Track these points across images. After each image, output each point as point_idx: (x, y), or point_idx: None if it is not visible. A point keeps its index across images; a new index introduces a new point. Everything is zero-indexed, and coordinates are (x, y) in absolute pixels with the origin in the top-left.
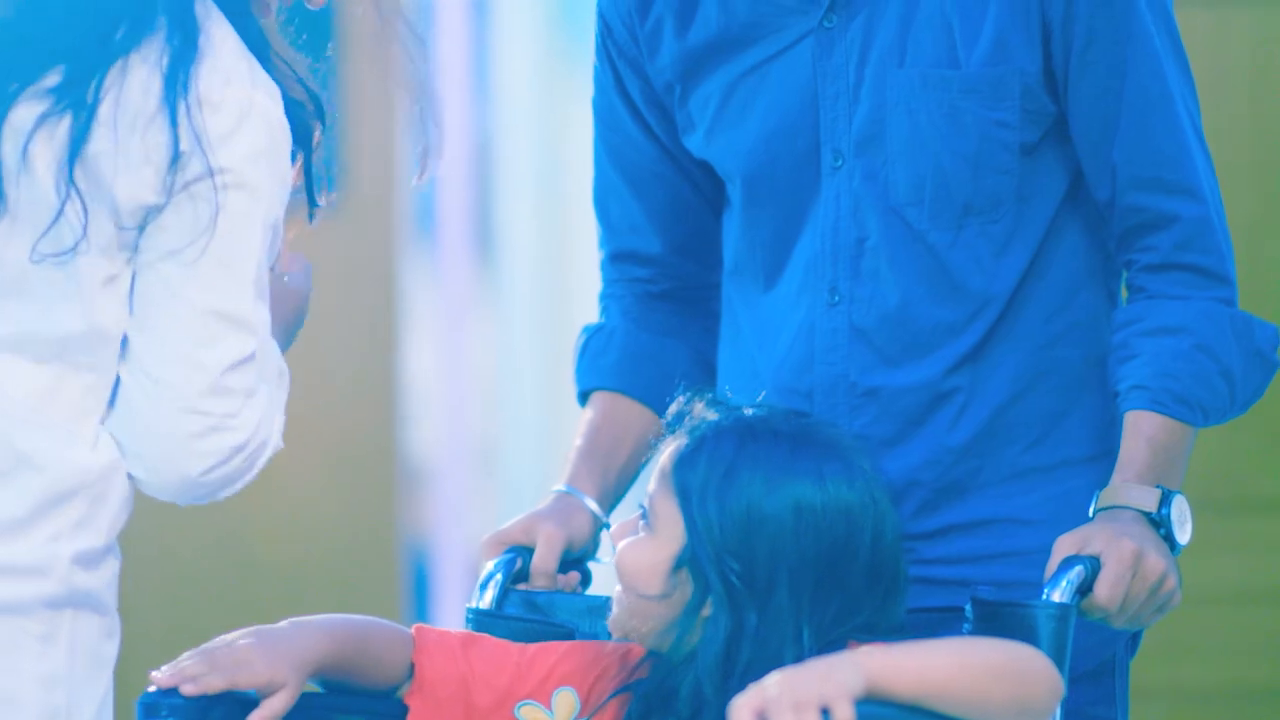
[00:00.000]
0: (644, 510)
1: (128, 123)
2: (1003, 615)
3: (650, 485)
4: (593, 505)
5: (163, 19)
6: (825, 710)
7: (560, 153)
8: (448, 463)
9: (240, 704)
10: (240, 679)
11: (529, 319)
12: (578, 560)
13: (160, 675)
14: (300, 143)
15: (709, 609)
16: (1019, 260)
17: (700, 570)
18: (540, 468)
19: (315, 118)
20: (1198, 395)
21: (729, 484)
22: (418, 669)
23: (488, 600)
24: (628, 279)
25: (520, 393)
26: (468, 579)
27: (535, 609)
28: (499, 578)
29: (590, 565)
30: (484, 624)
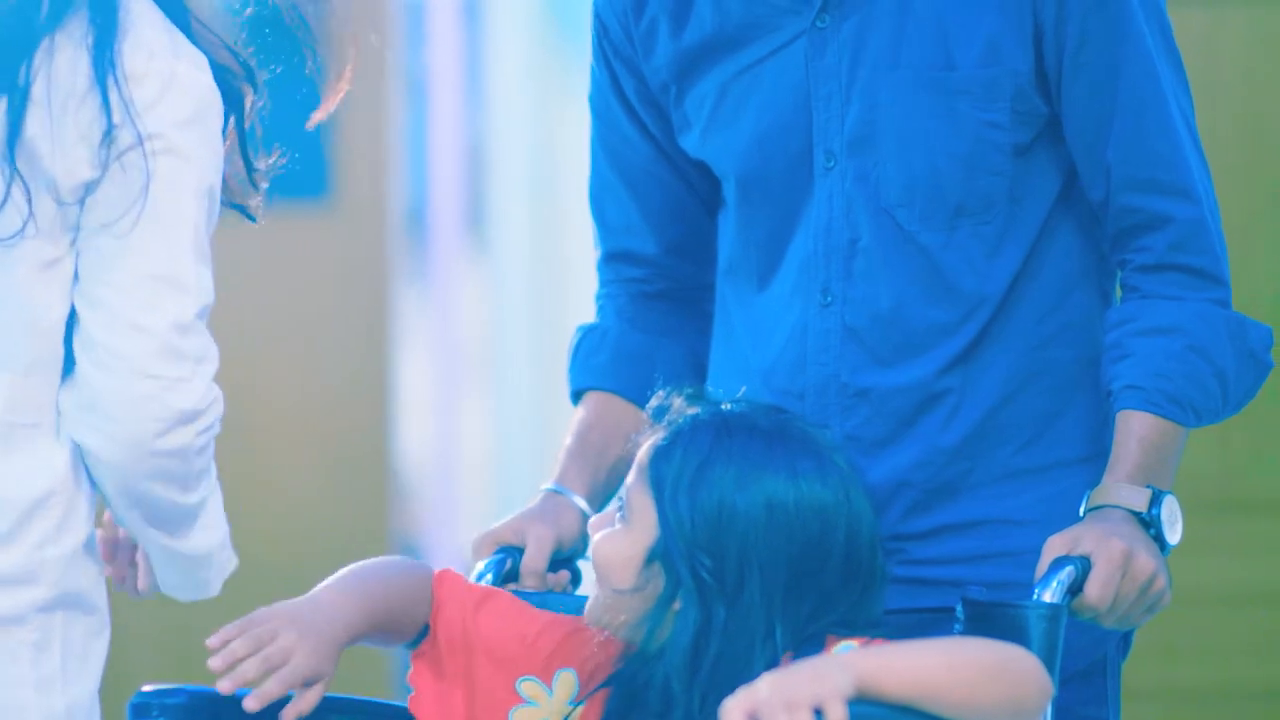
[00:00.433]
0: (621, 503)
1: (60, 102)
2: (993, 616)
3: (629, 478)
4: (582, 504)
5: None
6: (818, 710)
7: (552, 153)
8: (440, 464)
9: (233, 700)
10: (294, 683)
11: (521, 320)
12: (568, 559)
13: (224, 685)
14: (232, 107)
15: (679, 603)
16: (1011, 261)
17: (671, 564)
18: (533, 469)
19: (245, 81)
20: (1190, 396)
21: (702, 479)
22: (431, 630)
23: None
24: (623, 279)
25: (513, 394)
26: None
27: None
28: (489, 578)
29: (580, 564)
30: None
